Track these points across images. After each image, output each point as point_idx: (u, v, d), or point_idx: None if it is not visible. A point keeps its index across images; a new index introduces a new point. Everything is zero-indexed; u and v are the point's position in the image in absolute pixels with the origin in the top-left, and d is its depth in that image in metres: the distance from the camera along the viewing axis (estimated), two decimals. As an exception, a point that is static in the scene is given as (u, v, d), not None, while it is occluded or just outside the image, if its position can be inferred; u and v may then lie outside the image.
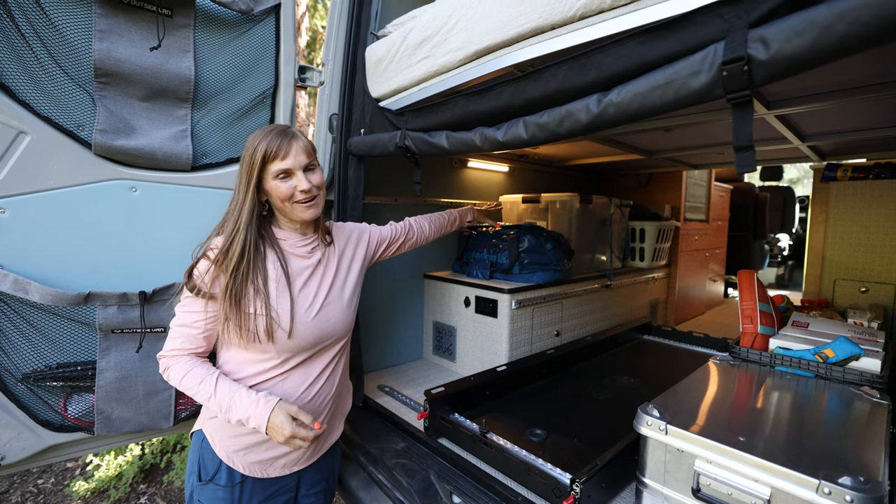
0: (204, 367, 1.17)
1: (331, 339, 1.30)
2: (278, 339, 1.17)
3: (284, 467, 1.28)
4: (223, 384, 1.14)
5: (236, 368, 1.21)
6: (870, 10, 0.66)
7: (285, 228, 1.29)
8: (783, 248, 6.51)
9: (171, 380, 1.18)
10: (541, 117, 1.17)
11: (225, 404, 1.12)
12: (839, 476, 0.93)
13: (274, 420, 1.09)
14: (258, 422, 1.10)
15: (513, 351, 2.31)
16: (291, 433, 1.08)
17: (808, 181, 13.37)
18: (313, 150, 1.26)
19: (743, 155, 0.84)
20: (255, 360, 1.21)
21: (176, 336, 1.19)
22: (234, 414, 1.11)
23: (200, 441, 1.25)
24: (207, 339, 1.20)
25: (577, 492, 1.26)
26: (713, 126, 2.20)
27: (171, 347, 1.19)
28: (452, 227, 1.96)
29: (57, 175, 1.48)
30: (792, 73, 0.76)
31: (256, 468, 1.23)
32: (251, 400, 1.11)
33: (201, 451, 1.24)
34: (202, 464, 1.23)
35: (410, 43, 1.60)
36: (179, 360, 1.17)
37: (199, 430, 1.27)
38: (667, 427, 1.19)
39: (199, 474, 1.23)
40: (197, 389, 1.13)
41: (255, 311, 1.15)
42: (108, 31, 1.49)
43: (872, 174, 2.65)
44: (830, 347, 1.60)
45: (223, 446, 1.22)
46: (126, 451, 3.17)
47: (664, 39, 0.90)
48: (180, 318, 1.19)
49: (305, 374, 1.26)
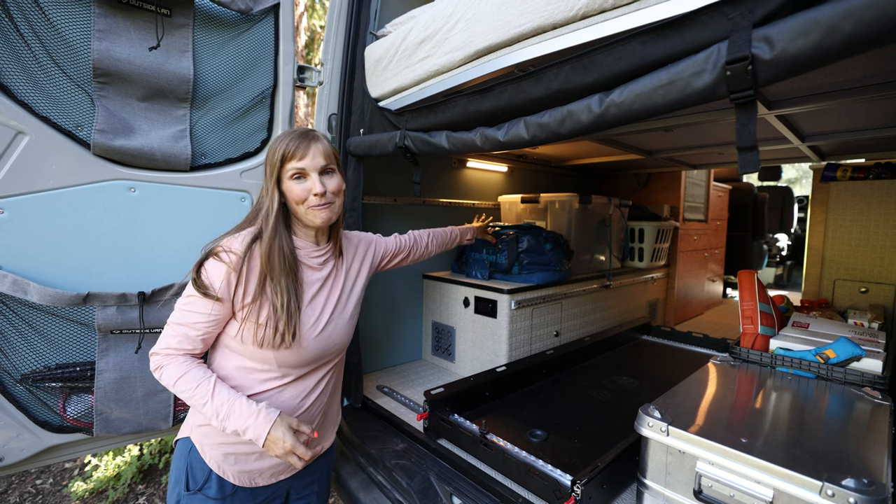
0: (200, 370, 1.12)
1: (331, 355, 1.27)
2: (280, 352, 1.14)
3: (272, 476, 1.25)
4: (221, 390, 1.09)
5: (232, 376, 1.16)
6: (875, 10, 0.65)
7: (301, 236, 1.25)
8: (782, 248, 6.52)
9: (164, 380, 1.12)
10: (542, 117, 1.17)
11: (223, 412, 1.07)
12: (842, 478, 0.93)
13: (274, 433, 1.06)
14: (256, 433, 1.06)
15: (512, 351, 2.31)
16: (292, 447, 1.05)
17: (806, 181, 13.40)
18: (335, 155, 1.22)
19: (747, 155, 0.83)
20: (255, 369, 1.16)
21: (173, 334, 1.12)
22: (230, 423, 1.07)
23: (188, 449, 1.20)
24: (205, 341, 1.15)
25: (577, 493, 1.25)
26: (713, 126, 2.20)
27: (166, 345, 1.12)
28: (452, 245, 1.94)
29: (56, 175, 1.47)
30: (796, 72, 0.75)
31: (245, 478, 1.20)
32: (251, 410, 1.07)
33: (189, 460, 1.19)
34: (190, 472, 1.18)
35: (410, 43, 1.60)
36: (174, 361, 1.11)
37: (185, 438, 1.22)
38: (668, 428, 1.18)
39: (186, 483, 1.18)
40: (192, 393, 1.08)
41: (265, 320, 1.11)
42: (106, 30, 1.48)
43: (872, 174, 2.66)
44: (831, 348, 1.60)
45: (213, 455, 1.18)
46: (124, 452, 3.16)
47: (667, 39, 0.90)
48: (180, 317, 1.12)
49: (302, 387, 1.23)
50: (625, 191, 4.04)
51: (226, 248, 1.11)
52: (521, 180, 3.52)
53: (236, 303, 1.11)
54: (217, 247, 1.12)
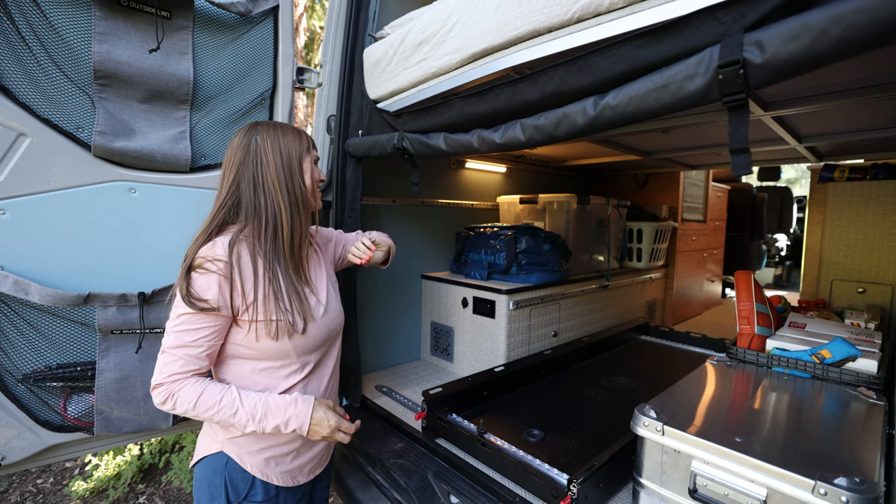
0: (216, 384, 1.08)
1: (334, 335, 1.31)
2: (295, 339, 1.15)
3: (310, 472, 1.28)
4: (249, 394, 1.08)
5: (254, 381, 1.15)
6: (864, 14, 0.66)
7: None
8: (781, 249, 6.52)
9: (179, 407, 1.04)
10: (538, 119, 1.18)
11: (259, 413, 1.06)
12: (835, 477, 0.94)
13: (317, 415, 1.11)
14: (300, 421, 1.09)
15: (510, 351, 2.32)
16: (337, 424, 1.12)
17: (805, 181, 13.38)
18: None
19: (739, 158, 0.84)
20: (274, 367, 1.16)
21: (173, 360, 1.05)
22: (269, 421, 1.06)
23: (224, 463, 1.15)
24: (210, 357, 1.10)
25: (574, 492, 1.26)
26: (710, 127, 2.21)
27: (170, 372, 1.04)
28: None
29: (56, 177, 1.48)
30: (787, 76, 0.76)
31: (288, 477, 1.21)
32: (287, 402, 1.10)
33: (227, 472, 1.14)
34: (230, 484, 1.14)
35: (408, 45, 1.61)
36: (185, 385, 1.05)
37: (216, 454, 1.16)
38: (664, 428, 1.19)
39: (227, 497, 1.14)
40: (219, 407, 1.04)
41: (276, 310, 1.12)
42: (107, 33, 1.49)
43: (870, 175, 2.66)
44: (827, 348, 1.61)
45: (253, 462, 1.15)
46: (125, 451, 3.17)
47: (660, 42, 0.91)
48: (177, 340, 1.05)
49: (321, 376, 1.27)
50: (623, 191, 4.05)
51: (209, 258, 1.07)
52: (519, 181, 3.53)
53: (237, 308, 1.09)
54: (196, 259, 1.08)
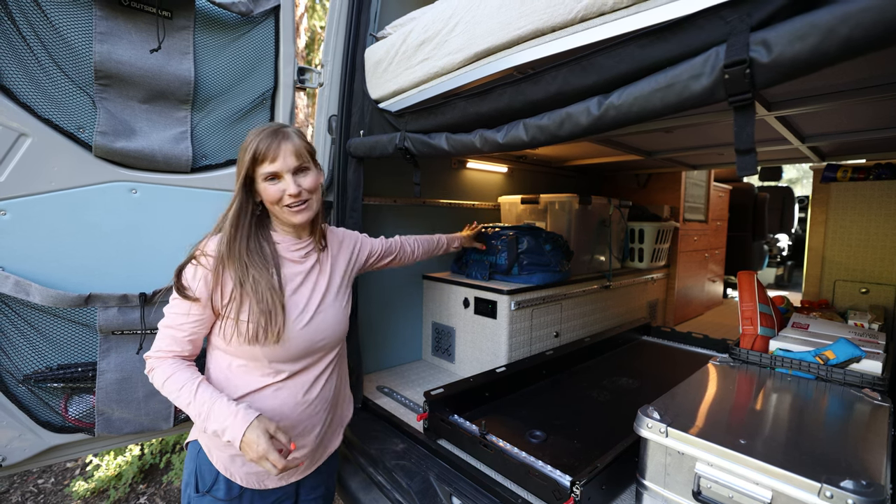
0: (187, 371, 1.12)
1: (323, 348, 1.26)
2: (266, 347, 1.13)
3: (281, 479, 1.24)
4: (204, 391, 1.09)
5: (229, 375, 1.17)
6: (872, 14, 0.65)
7: (279, 231, 1.25)
8: (782, 249, 6.51)
9: (155, 382, 1.14)
10: (541, 119, 1.17)
11: (204, 412, 1.06)
12: (841, 479, 0.93)
13: (249, 435, 1.02)
14: (233, 434, 1.02)
15: (512, 352, 2.31)
16: (265, 452, 1.00)
17: (807, 181, 13.37)
18: (308, 151, 1.20)
19: (744, 158, 0.83)
20: (248, 367, 1.16)
21: (162, 337, 1.15)
22: (210, 424, 1.05)
23: (196, 451, 1.21)
24: (192, 342, 1.16)
25: (577, 494, 1.25)
26: (713, 127, 2.20)
27: (157, 348, 1.15)
28: (438, 252, 1.97)
29: (57, 177, 1.48)
30: (794, 76, 0.75)
31: (254, 479, 1.20)
32: (229, 411, 1.05)
33: (198, 462, 1.20)
34: (199, 474, 1.19)
35: (410, 44, 1.60)
36: (164, 363, 1.13)
37: (194, 441, 1.23)
38: (667, 429, 1.19)
39: (196, 485, 1.19)
40: (178, 395, 1.09)
41: (247, 316, 1.11)
42: (108, 33, 1.49)
43: (873, 175, 2.66)
44: (831, 349, 1.60)
45: (220, 457, 1.18)
46: (126, 452, 3.17)
47: (665, 42, 0.90)
48: (167, 319, 1.15)
49: (301, 384, 1.22)
50: (625, 191, 4.04)
51: (202, 251, 1.14)
52: (521, 181, 3.52)
53: (216, 302, 1.13)
54: (195, 250, 1.15)
